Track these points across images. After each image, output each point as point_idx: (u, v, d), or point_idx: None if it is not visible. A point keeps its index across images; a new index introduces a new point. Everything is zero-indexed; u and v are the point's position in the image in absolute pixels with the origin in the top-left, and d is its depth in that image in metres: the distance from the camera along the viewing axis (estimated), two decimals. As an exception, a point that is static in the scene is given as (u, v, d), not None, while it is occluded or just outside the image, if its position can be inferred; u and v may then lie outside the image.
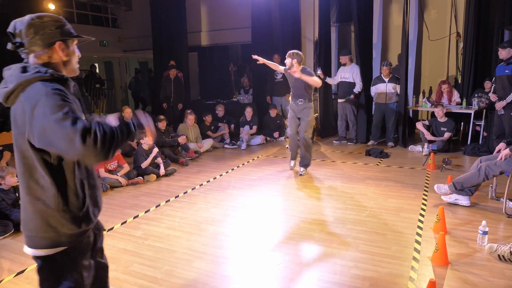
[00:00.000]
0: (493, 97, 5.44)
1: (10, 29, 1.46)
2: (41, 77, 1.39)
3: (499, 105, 5.23)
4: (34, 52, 1.46)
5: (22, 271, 2.82)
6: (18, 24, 1.45)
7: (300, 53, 5.00)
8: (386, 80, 6.66)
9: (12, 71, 1.42)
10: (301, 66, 4.97)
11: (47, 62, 1.49)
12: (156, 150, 5.32)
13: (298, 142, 5.26)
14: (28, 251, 1.51)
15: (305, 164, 5.22)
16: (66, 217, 1.46)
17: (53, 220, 1.45)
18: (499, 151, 3.76)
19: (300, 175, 5.14)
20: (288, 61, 4.94)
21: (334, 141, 7.44)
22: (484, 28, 6.71)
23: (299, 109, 5.12)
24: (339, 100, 7.25)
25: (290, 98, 5.34)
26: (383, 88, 6.70)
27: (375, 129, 7.00)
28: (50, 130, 1.27)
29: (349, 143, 7.21)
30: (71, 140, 1.23)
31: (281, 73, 7.77)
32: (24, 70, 1.40)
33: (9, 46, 1.47)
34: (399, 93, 6.65)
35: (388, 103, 6.71)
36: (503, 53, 5.18)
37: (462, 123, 6.94)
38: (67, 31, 1.52)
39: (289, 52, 4.99)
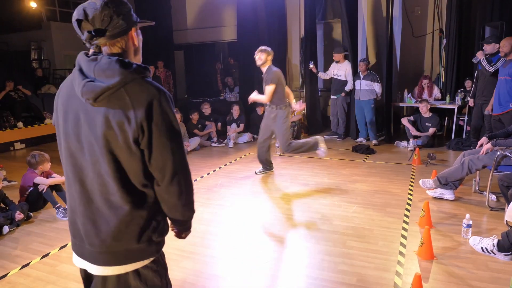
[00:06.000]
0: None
1: (79, 15, 1.20)
2: (144, 75, 1.20)
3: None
4: (111, 40, 1.22)
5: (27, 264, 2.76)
6: (90, 8, 1.19)
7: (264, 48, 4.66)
8: (362, 76, 6.72)
9: (104, 63, 1.16)
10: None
11: (120, 53, 1.25)
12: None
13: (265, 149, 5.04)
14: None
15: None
16: None
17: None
18: (481, 145, 3.83)
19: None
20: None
21: (325, 136, 7.50)
22: (466, 24, 6.82)
23: (270, 117, 4.77)
24: (332, 96, 7.34)
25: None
26: (358, 85, 6.76)
27: (360, 126, 7.05)
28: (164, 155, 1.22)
29: (337, 139, 7.29)
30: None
31: None
32: (123, 63, 1.17)
33: (84, 36, 1.21)
34: (377, 90, 6.69)
35: (362, 100, 6.76)
36: (488, 48, 5.24)
37: (446, 118, 7.05)
38: (134, 14, 1.29)
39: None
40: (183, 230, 1.48)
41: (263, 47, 4.66)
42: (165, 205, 1.31)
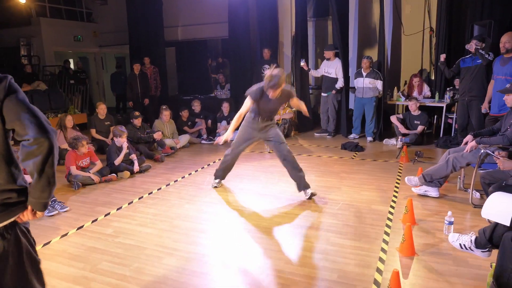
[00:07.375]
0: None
1: None
2: None
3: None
4: None
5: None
6: None
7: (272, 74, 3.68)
8: (364, 74, 6.73)
9: None
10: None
11: None
12: (126, 146, 5.20)
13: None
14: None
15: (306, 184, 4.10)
16: None
17: None
18: (466, 143, 3.86)
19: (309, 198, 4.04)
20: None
21: (316, 134, 7.55)
22: (456, 23, 6.85)
23: (264, 129, 4.07)
24: (322, 94, 7.40)
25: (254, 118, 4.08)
26: (361, 82, 6.78)
27: (356, 123, 7.08)
28: None
29: (327, 136, 7.33)
30: None
31: (268, 67, 7.73)
32: None
33: None
34: (379, 88, 6.71)
35: (364, 98, 6.79)
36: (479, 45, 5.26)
37: (435, 116, 7.10)
38: None
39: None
40: (38, 205, 1.50)
41: (273, 79, 3.64)
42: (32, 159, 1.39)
